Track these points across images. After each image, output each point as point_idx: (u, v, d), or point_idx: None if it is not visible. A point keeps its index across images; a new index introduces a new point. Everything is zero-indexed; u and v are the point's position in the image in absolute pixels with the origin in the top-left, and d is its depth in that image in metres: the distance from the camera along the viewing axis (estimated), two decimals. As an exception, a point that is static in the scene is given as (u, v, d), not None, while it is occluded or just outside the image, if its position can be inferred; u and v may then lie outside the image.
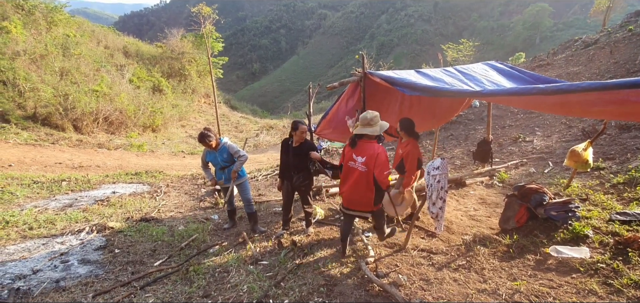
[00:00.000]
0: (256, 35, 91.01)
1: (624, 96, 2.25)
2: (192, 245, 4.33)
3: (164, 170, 10.94)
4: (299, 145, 4.19)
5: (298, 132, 4.11)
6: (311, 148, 4.26)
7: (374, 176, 3.15)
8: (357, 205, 3.37)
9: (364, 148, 3.26)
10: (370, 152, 3.20)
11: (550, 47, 25.28)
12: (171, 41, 30.25)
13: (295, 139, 4.16)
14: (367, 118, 3.31)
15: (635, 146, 6.22)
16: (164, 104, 23.42)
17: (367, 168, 3.20)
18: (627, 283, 2.61)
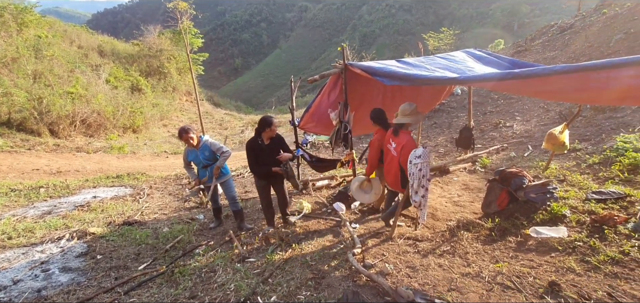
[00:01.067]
0: (236, 29, 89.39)
1: (595, 80, 2.31)
2: (177, 246, 4.26)
3: (146, 172, 10.70)
4: (271, 141, 4.04)
5: (273, 128, 3.94)
6: (282, 141, 4.13)
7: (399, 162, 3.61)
8: (391, 185, 3.91)
9: (401, 136, 3.66)
10: (403, 141, 3.61)
11: (528, 33, 25.85)
12: (148, 38, 29.38)
13: (268, 136, 3.99)
14: (407, 110, 3.71)
15: (610, 126, 6.45)
16: (143, 104, 22.80)
17: (397, 154, 3.65)
18: (604, 260, 2.71)
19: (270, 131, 3.94)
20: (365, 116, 5.93)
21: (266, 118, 3.97)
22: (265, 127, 3.91)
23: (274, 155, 4.01)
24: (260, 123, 3.95)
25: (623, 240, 2.94)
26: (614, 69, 2.10)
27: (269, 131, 3.94)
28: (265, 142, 3.99)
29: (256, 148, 3.99)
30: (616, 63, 2.07)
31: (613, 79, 2.12)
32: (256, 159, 3.99)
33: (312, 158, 5.90)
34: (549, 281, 2.55)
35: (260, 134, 3.96)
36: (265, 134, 3.95)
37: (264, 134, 3.94)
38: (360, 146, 11.50)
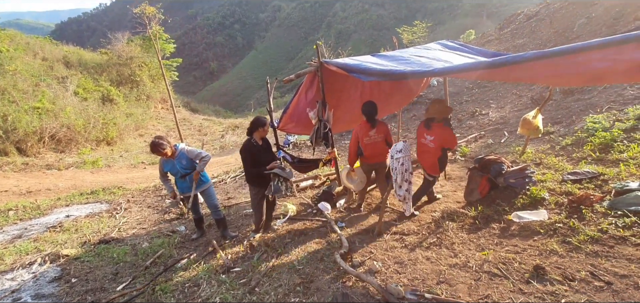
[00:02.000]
0: (209, 32, 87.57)
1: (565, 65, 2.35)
2: (158, 262, 4.07)
3: (123, 185, 10.29)
4: (263, 141, 4.05)
5: (266, 127, 3.95)
6: (269, 142, 4.15)
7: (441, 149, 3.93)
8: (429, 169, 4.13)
9: (434, 128, 3.94)
10: (438, 132, 3.91)
11: (496, 23, 26.67)
12: (117, 46, 28.26)
13: (261, 136, 3.98)
14: (436, 107, 4.02)
15: (579, 108, 6.71)
16: (116, 115, 21.93)
17: (434, 145, 3.92)
18: (584, 239, 2.78)
19: (263, 131, 3.93)
20: (345, 113, 5.92)
21: (259, 118, 3.97)
22: (258, 127, 3.89)
23: (268, 155, 4.02)
24: (254, 123, 3.93)
25: (600, 218, 3.03)
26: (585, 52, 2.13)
27: (261, 131, 3.92)
28: (259, 142, 3.98)
29: (253, 148, 3.94)
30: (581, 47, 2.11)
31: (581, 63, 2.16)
32: (253, 160, 3.93)
33: (294, 159, 5.80)
34: (533, 265, 2.59)
35: (253, 135, 3.94)
36: (258, 134, 3.93)
37: (256, 134, 3.93)
38: (343, 144, 11.50)
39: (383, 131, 4.28)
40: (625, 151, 4.34)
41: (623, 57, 1.97)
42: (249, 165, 3.94)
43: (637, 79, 3.67)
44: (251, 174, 4.02)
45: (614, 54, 1.91)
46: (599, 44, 2.05)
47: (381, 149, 4.30)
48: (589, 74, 2.36)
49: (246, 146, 3.93)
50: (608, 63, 1.96)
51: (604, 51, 1.97)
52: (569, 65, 2.23)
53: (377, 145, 4.30)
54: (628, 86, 6.61)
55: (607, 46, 2.01)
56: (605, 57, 1.95)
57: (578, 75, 2.43)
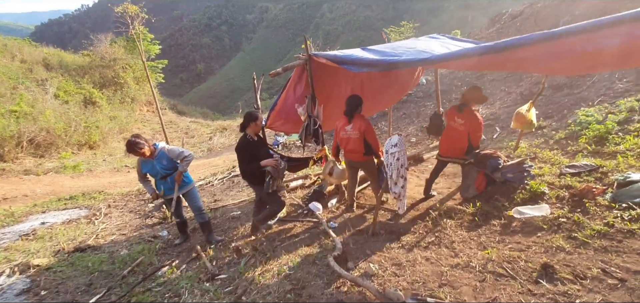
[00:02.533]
0: (196, 34, 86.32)
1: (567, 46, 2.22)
2: (136, 270, 3.78)
3: (105, 189, 9.86)
4: (258, 137, 3.91)
5: (258, 122, 3.83)
6: (262, 138, 3.99)
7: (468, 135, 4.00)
8: (456, 154, 4.24)
9: (465, 112, 4.03)
10: (469, 117, 4.00)
11: (482, 23, 26.97)
12: (100, 47, 27.42)
13: (255, 131, 3.83)
14: (470, 93, 4.15)
15: (569, 102, 6.67)
16: (99, 118, 21.22)
17: (464, 128, 4.01)
18: (591, 234, 2.64)
19: (256, 125, 3.81)
20: (336, 108, 5.69)
21: (252, 113, 3.85)
22: (251, 121, 3.77)
23: (264, 151, 3.90)
24: (246, 118, 3.78)
25: (605, 211, 2.90)
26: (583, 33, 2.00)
27: (254, 126, 3.79)
28: (254, 137, 3.85)
29: (249, 144, 3.78)
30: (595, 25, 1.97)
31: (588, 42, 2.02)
32: (250, 157, 3.76)
33: (283, 158, 5.57)
34: (541, 263, 2.42)
35: (246, 131, 3.79)
36: (251, 129, 3.79)
37: (249, 129, 3.78)
38: (332, 143, 11.30)
39: (358, 128, 3.98)
40: (621, 143, 4.26)
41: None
42: (247, 163, 3.76)
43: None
44: (248, 171, 3.82)
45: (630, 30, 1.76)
46: (609, 21, 1.91)
47: (355, 146, 4.06)
48: (591, 58, 2.24)
49: (242, 143, 3.76)
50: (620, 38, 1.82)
51: (614, 29, 1.83)
52: (575, 44, 2.08)
53: (350, 141, 4.09)
54: (617, 80, 6.61)
55: (618, 24, 1.87)
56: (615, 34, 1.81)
57: (580, 59, 2.30)
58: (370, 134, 3.97)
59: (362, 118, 4.06)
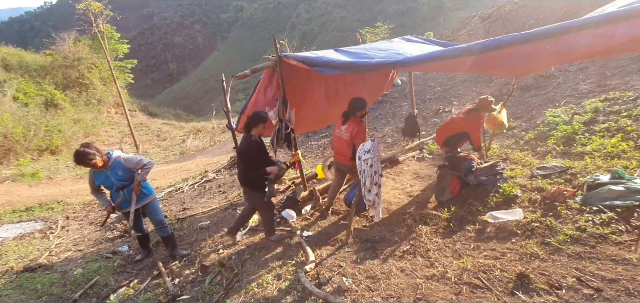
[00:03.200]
0: (167, 33, 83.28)
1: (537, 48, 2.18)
2: (90, 292, 3.43)
3: (65, 199, 9.16)
4: (260, 139, 3.60)
5: (267, 123, 3.56)
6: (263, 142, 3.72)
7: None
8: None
9: (472, 116, 4.37)
10: (469, 118, 4.36)
11: (453, 25, 27.68)
12: (63, 46, 25.81)
13: (260, 133, 3.51)
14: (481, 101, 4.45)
15: (537, 103, 6.84)
16: (62, 121, 19.93)
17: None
18: (564, 240, 2.61)
19: (263, 127, 3.47)
20: (310, 111, 5.54)
21: (260, 113, 3.52)
22: (259, 122, 3.43)
23: (266, 156, 3.59)
24: (254, 119, 3.43)
25: (576, 215, 2.90)
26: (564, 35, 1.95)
27: (261, 128, 3.46)
28: (258, 140, 3.52)
29: (257, 148, 3.47)
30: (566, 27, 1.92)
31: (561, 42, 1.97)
32: (257, 162, 3.45)
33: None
34: (516, 272, 2.35)
35: (251, 132, 3.44)
36: (257, 130, 3.45)
37: (255, 131, 3.44)
38: (309, 145, 11.13)
39: (350, 130, 3.87)
40: (588, 144, 4.35)
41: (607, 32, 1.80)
42: (252, 168, 3.44)
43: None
44: (253, 177, 3.50)
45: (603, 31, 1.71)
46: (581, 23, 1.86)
47: (344, 149, 3.92)
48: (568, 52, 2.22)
49: (251, 145, 3.41)
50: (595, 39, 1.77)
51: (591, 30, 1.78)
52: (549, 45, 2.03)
53: (341, 142, 3.96)
54: (581, 81, 6.86)
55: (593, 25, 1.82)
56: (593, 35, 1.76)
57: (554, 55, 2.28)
58: (359, 139, 3.74)
59: (357, 122, 3.88)
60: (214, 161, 12.92)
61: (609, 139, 4.26)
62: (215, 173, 9.38)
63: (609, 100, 5.36)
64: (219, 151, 16.96)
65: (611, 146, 4.02)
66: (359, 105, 3.92)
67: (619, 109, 4.91)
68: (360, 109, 3.91)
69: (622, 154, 3.82)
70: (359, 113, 3.91)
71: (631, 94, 5.22)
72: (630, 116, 4.59)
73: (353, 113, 3.92)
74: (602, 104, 5.24)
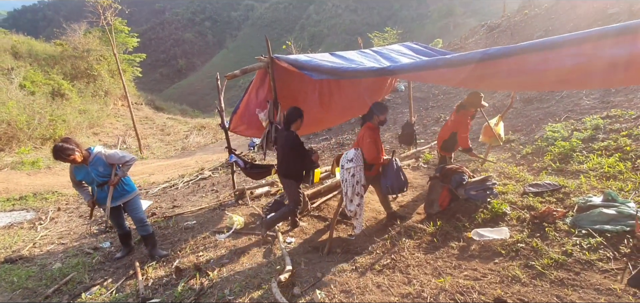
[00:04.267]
0: (178, 28, 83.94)
1: (531, 63, 2.07)
2: (64, 289, 3.38)
3: (61, 189, 9.20)
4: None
5: (304, 118, 3.85)
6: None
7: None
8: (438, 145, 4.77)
9: (459, 113, 4.43)
10: (456, 117, 4.45)
11: (462, 33, 27.48)
12: (73, 37, 26.12)
13: (297, 128, 3.81)
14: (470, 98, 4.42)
15: (538, 117, 6.68)
16: (67, 111, 20.11)
17: (448, 125, 4.58)
18: (548, 264, 2.48)
19: (300, 122, 3.81)
20: (303, 115, 5.46)
21: (298, 108, 3.80)
22: (297, 118, 3.76)
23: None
24: (293, 114, 3.75)
25: (564, 237, 2.77)
26: (551, 50, 1.84)
27: (299, 122, 3.79)
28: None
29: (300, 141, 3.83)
30: (553, 42, 1.82)
31: (551, 60, 1.86)
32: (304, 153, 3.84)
33: (247, 165, 5.28)
34: (494, 297, 2.24)
35: (291, 128, 3.77)
36: (296, 125, 3.78)
37: (294, 125, 3.77)
38: (309, 148, 11.04)
39: (360, 134, 3.80)
40: (584, 162, 4.21)
41: (597, 52, 1.69)
42: (302, 158, 3.81)
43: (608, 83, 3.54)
44: (299, 167, 3.87)
45: (590, 50, 1.61)
46: (572, 39, 1.75)
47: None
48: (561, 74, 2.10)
49: (296, 139, 3.77)
50: (582, 58, 1.66)
51: (579, 47, 1.68)
52: (540, 62, 1.93)
53: (355, 144, 3.87)
54: (584, 96, 6.68)
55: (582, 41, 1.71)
56: (580, 53, 1.65)
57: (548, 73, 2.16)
58: (365, 144, 3.63)
59: (368, 127, 3.75)
60: (213, 159, 12.90)
61: (607, 158, 4.11)
62: (211, 171, 9.35)
63: (611, 117, 5.20)
64: (220, 148, 16.96)
65: (608, 166, 3.87)
66: (376, 110, 3.73)
67: (619, 128, 4.76)
68: (377, 114, 3.72)
69: (619, 175, 3.67)
70: (377, 119, 3.73)
71: (633, 113, 5.06)
72: (630, 135, 4.43)
73: (369, 117, 3.79)
74: (603, 122, 5.09)
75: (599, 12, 10.75)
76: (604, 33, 1.59)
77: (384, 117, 3.75)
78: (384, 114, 3.75)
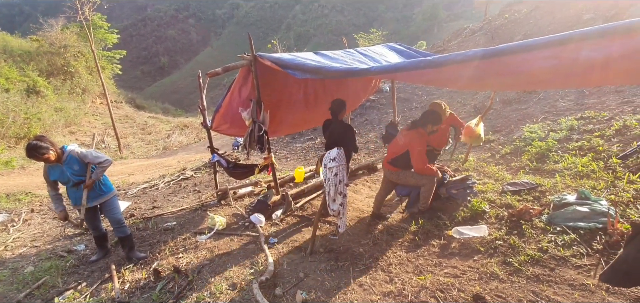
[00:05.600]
0: (161, 25, 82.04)
1: (511, 65, 2.11)
2: (36, 293, 3.23)
3: (35, 190, 8.82)
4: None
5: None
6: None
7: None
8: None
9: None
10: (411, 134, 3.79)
11: (445, 36, 28.03)
12: (50, 33, 25.15)
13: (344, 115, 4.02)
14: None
15: (517, 117, 6.87)
16: (42, 109, 19.35)
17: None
18: (525, 260, 2.55)
19: (345, 111, 3.94)
20: (288, 114, 5.42)
21: (340, 100, 3.92)
22: (342, 109, 3.88)
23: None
24: (339, 106, 3.86)
25: (540, 234, 2.85)
26: (529, 52, 1.88)
27: (344, 112, 3.93)
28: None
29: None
30: (530, 44, 1.86)
31: (528, 61, 1.91)
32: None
33: (230, 164, 5.20)
34: (473, 293, 2.28)
35: (339, 117, 3.91)
36: (342, 114, 3.92)
37: (341, 114, 3.91)
38: (294, 147, 11.01)
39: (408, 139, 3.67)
40: (560, 162, 4.35)
41: (566, 55, 1.74)
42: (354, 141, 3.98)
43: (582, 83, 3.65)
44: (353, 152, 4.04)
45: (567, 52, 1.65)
46: (546, 41, 1.79)
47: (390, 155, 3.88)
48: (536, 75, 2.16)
49: (349, 126, 3.98)
50: (558, 61, 1.71)
51: (557, 49, 1.72)
52: (514, 64, 1.97)
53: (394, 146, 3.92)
54: (560, 98, 6.92)
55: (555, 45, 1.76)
56: (556, 55, 1.70)
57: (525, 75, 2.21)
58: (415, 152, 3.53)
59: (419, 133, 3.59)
60: (196, 159, 12.66)
61: (581, 157, 4.26)
62: (193, 171, 9.17)
63: (585, 119, 5.39)
64: (203, 148, 16.67)
65: (582, 165, 4.01)
66: (434, 120, 3.59)
67: (592, 128, 4.94)
68: (434, 124, 3.59)
69: (591, 174, 3.81)
70: (430, 128, 3.59)
71: (606, 114, 5.26)
72: (603, 136, 4.61)
73: (423, 125, 3.61)
74: (578, 123, 5.27)
75: (575, 17, 11.16)
76: (580, 36, 1.64)
77: (437, 127, 3.66)
78: (438, 124, 3.64)
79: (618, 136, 4.52)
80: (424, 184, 3.60)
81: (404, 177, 3.72)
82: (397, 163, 3.74)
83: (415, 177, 3.63)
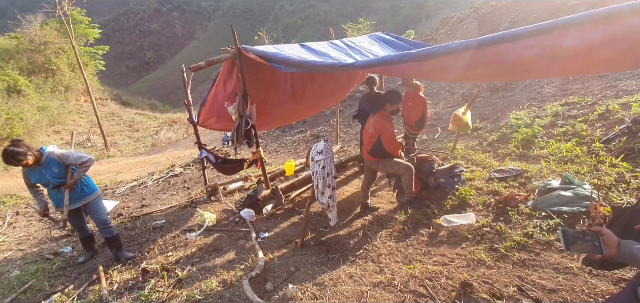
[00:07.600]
0: (144, 19, 79.96)
1: (496, 54, 2.11)
2: (22, 297, 3.16)
3: (19, 192, 8.60)
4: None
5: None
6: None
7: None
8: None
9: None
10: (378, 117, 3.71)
11: (433, 24, 28.08)
12: (29, 29, 24.30)
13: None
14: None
15: (503, 105, 6.95)
16: (24, 108, 18.79)
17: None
18: (511, 246, 2.59)
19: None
20: (275, 108, 5.36)
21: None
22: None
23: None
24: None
25: (526, 220, 2.90)
26: (513, 42, 1.88)
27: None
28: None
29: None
30: (513, 34, 1.86)
31: (512, 51, 1.91)
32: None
33: (218, 160, 5.14)
34: (461, 280, 2.31)
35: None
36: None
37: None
38: (284, 140, 10.95)
39: (376, 124, 3.63)
40: (545, 148, 4.42)
41: (549, 43, 1.75)
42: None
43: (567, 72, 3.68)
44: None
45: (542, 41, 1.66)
46: (530, 31, 1.80)
47: (366, 143, 3.80)
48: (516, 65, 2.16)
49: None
50: (538, 50, 1.71)
51: (536, 38, 1.72)
52: (498, 54, 1.97)
53: (365, 134, 3.86)
54: (545, 84, 7.01)
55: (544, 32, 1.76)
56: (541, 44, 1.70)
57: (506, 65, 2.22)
58: (386, 133, 3.57)
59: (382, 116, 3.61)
60: (185, 155, 12.51)
61: (565, 143, 4.34)
62: (183, 168, 9.05)
63: (569, 104, 5.48)
64: (192, 144, 16.44)
65: (566, 150, 4.09)
66: (393, 98, 3.60)
67: (576, 114, 5.03)
68: (392, 103, 3.60)
69: (575, 159, 3.89)
70: (389, 107, 3.61)
71: (589, 99, 5.36)
72: (586, 120, 4.70)
73: (382, 106, 3.64)
74: (562, 108, 5.36)
75: (559, 3, 11.27)
76: (562, 24, 1.64)
77: (396, 107, 3.63)
78: (398, 103, 3.63)
79: (601, 120, 4.61)
80: (402, 174, 3.65)
81: (383, 166, 3.76)
82: (375, 153, 3.71)
83: (393, 166, 3.66)
